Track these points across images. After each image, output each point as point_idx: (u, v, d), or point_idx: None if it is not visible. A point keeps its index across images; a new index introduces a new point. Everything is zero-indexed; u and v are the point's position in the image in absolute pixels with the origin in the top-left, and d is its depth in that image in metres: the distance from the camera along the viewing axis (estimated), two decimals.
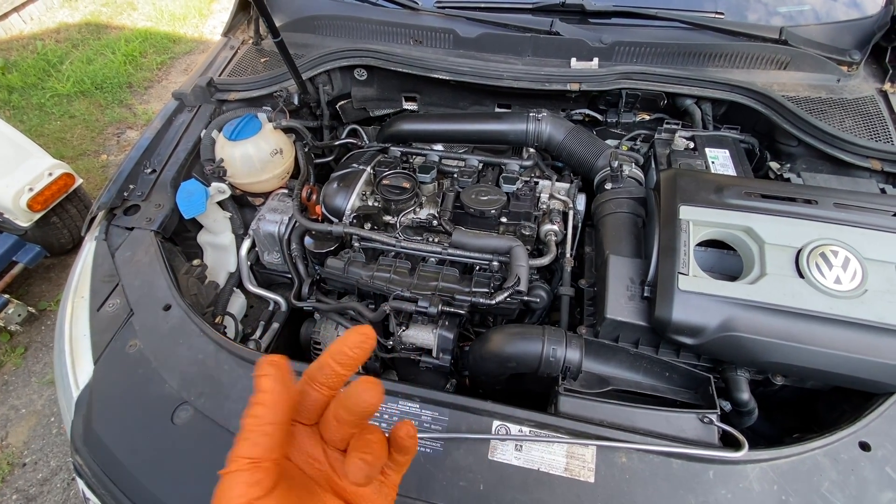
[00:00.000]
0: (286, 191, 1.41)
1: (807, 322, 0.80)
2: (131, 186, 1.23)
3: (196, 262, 1.24)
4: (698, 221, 0.90)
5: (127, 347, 0.96)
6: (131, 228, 1.16)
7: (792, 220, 0.88)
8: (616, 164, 1.16)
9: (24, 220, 2.07)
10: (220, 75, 1.46)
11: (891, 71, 1.29)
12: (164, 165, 1.28)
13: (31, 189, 2.01)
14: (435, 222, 1.23)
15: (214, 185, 1.29)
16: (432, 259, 1.18)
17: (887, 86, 1.28)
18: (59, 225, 2.27)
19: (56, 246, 2.34)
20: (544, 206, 1.27)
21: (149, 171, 1.26)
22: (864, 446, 0.79)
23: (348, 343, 0.35)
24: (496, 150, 1.52)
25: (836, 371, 0.80)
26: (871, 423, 0.81)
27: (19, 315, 2.25)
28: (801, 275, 0.83)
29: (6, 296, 2.20)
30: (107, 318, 1.01)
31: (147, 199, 1.21)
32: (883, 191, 1.10)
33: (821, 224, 0.86)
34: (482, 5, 1.43)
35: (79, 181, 2.24)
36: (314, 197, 1.34)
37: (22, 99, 3.55)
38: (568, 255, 1.17)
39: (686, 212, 0.91)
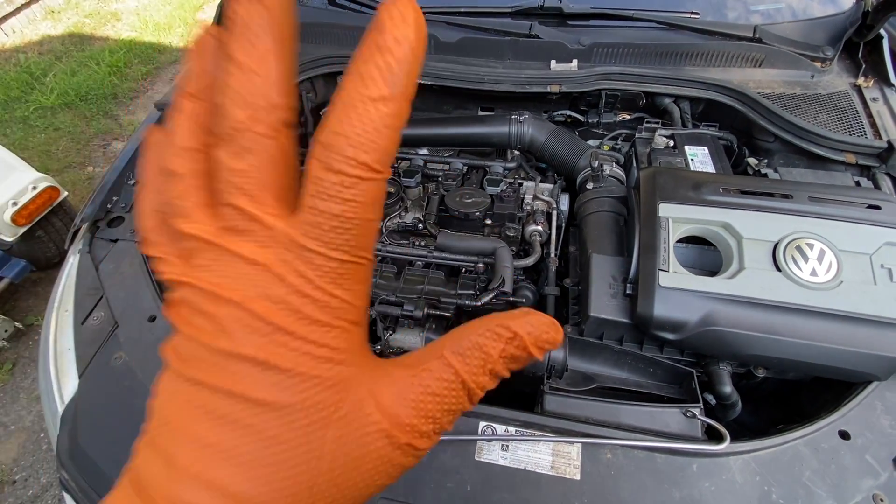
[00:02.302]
0: None
1: (785, 314, 0.81)
2: (115, 198, 1.23)
3: None
4: (677, 218, 0.92)
5: (112, 360, 0.95)
6: (115, 240, 1.15)
7: (768, 215, 0.89)
8: (597, 163, 1.17)
9: (9, 235, 2.05)
10: None
11: (863, 66, 1.32)
12: None
13: (14, 203, 2.00)
14: (420, 226, 1.24)
15: None
16: (418, 263, 1.19)
17: (860, 80, 1.30)
18: (44, 239, 2.26)
19: (42, 260, 2.32)
20: (528, 207, 1.28)
21: (132, 182, 1.26)
22: (844, 435, 0.80)
23: None
24: (481, 152, 1.53)
25: (815, 361, 0.82)
26: (850, 411, 0.83)
27: (6, 331, 2.23)
28: (778, 268, 0.84)
29: None
30: (91, 331, 1.01)
31: (131, 211, 1.21)
32: (858, 183, 1.12)
33: (797, 218, 0.88)
34: (462, 10, 1.44)
35: (64, 194, 2.22)
36: None
37: (5, 112, 3.52)
38: (552, 254, 1.18)
39: (665, 209, 0.93)
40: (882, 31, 1.31)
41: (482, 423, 0.82)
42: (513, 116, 1.33)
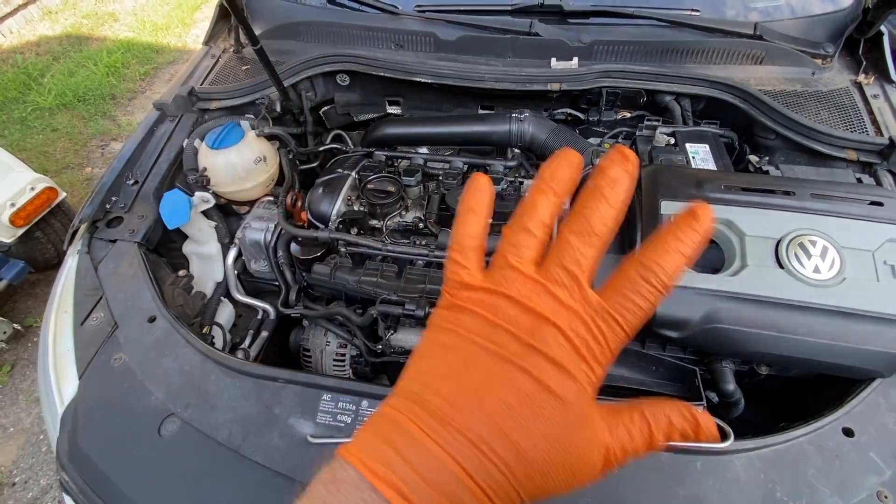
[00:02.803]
0: (271, 198, 1.41)
1: (788, 311, 0.81)
2: (114, 198, 1.22)
3: (182, 272, 1.23)
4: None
5: (112, 361, 0.95)
6: (114, 241, 1.15)
7: (771, 212, 0.89)
8: (597, 161, 1.17)
9: (7, 236, 2.04)
10: (201, 84, 1.46)
11: (864, 63, 1.32)
12: (147, 176, 1.27)
13: (12, 204, 1.99)
14: (421, 225, 1.23)
15: (198, 194, 1.28)
16: (419, 262, 1.18)
17: (861, 77, 1.30)
18: (43, 240, 2.25)
19: (41, 261, 2.31)
20: None
21: (131, 182, 1.25)
22: (848, 432, 0.80)
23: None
24: (481, 151, 1.53)
25: (818, 359, 0.81)
26: (854, 408, 0.82)
27: (4, 332, 2.22)
28: (780, 265, 0.84)
29: None
30: (91, 331, 1.00)
31: (130, 211, 1.20)
32: (859, 180, 1.12)
33: (799, 215, 0.88)
34: (461, 8, 1.43)
35: (62, 195, 2.22)
36: (299, 203, 1.34)
37: (3, 113, 3.51)
38: None
39: (667, 207, 0.92)
40: (882, 28, 1.31)
41: None
42: (513, 115, 1.33)
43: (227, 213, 1.42)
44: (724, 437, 0.78)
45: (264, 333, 1.32)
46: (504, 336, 0.30)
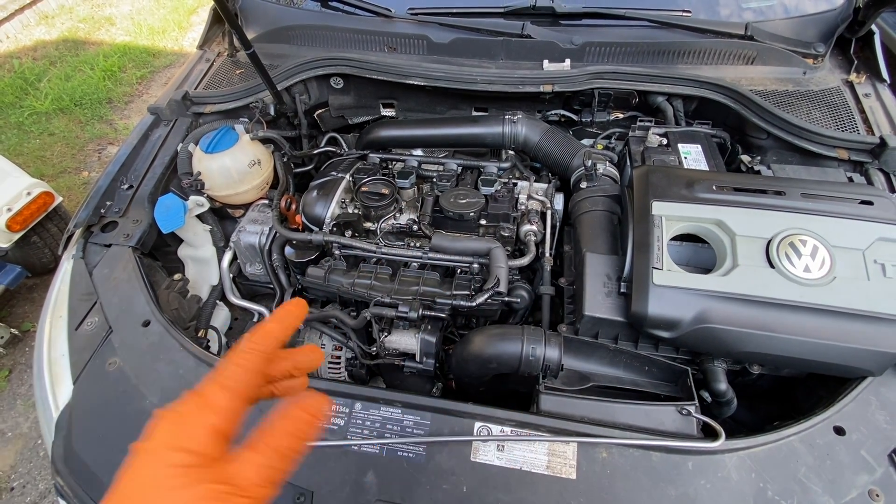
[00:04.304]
0: (266, 201, 1.41)
1: (778, 311, 0.81)
2: (108, 203, 1.23)
3: (177, 276, 1.24)
4: (671, 216, 0.92)
5: (106, 366, 0.95)
6: (109, 245, 1.15)
7: (762, 212, 0.89)
8: (590, 162, 1.17)
9: (4, 241, 2.04)
10: (195, 88, 1.46)
11: (855, 62, 1.32)
12: (142, 181, 1.27)
13: (9, 209, 1.99)
14: (415, 227, 1.24)
15: (193, 198, 1.29)
16: (413, 264, 1.19)
17: (853, 76, 1.31)
18: (39, 244, 2.25)
19: (38, 266, 2.31)
20: (523, 207, 1.28)
21: (125, 186, 1.26)
22: (839, 431, 0.81)
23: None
24: (476, 153, 1.53)
25: (809, 358, 0.82)
26: (845, 407, 0.83)
27: (2, 337, 2.22)
28: (771, 265, 0.84)
29: None
30: (85, 336, 1.00)
31: (124, 215, 1.20)
32: (850, 179, 1.13)
33: (790, 214, 0.88)
34: (454, 10, 1.44)
35: (58, 199, 2.22)
36: (294, 206, 1.34)
37: None
38: (547, 254, 1.18)
39: (659, 207, 0.93)
40: (874, 27, 1.31)
41: (478, 424, 0.82)
42: (506, 116, 1.33)
43: (222, 216, 1.43)
44: (715, 436, 0.78)
45: None
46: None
